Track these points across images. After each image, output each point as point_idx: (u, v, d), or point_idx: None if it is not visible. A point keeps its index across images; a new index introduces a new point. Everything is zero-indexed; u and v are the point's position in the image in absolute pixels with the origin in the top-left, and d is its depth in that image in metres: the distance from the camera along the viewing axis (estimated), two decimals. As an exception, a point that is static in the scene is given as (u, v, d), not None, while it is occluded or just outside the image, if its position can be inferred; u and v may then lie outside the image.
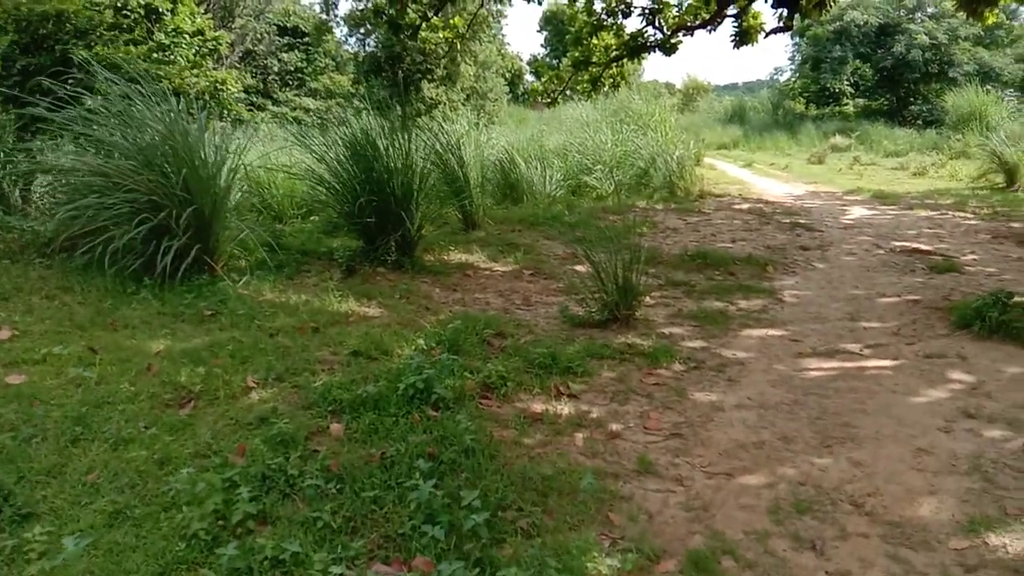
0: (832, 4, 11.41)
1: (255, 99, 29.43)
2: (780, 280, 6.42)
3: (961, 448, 3.11)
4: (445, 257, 6.90)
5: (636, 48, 12.71)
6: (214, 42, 18.02)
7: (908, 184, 15.08)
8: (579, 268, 6.44)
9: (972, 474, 2.88)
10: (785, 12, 10.47)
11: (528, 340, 4.47)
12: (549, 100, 16.26)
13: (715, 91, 48.58)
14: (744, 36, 12.29)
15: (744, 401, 3.69)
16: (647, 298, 5.53)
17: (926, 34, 28.40)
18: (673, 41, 12.34)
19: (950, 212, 10.51)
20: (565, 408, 3.53)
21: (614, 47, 13.00)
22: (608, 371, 4.03)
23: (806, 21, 12.19)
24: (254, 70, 30.98)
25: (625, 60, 13.35)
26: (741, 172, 18.91)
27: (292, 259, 6.18)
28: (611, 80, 14.60)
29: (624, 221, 9.34)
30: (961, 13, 28.55)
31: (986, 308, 4.69)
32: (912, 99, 30.40)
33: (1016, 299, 4.75)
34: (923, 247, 7.89)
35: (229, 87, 18.19)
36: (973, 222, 9.60)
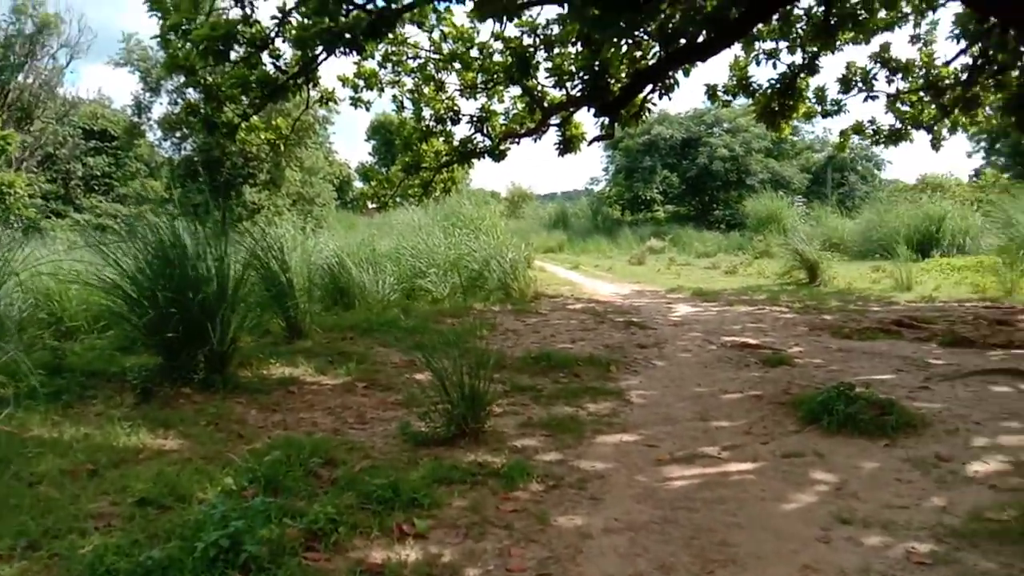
0: (647, 115, 12.13)
1: (54, 205, 26.92)
2: (624, 380, 6.24)
3: (847, 562, 2.85)
4: (265, 372, 6.14)
5: (466, 154, 12.78)
6: (2, 142, 16.28)
7: (722, 282, 16.04)
8: (419, 377, 5.93)
9: (867, 594, 2.61)
10: (607, 120, 10.95)
11: (364, 467, 3.86)
12: (379, 204, 15.96)
13: (537, 199, 50.93)
14: (568, 144, 12.71)
15: (611, 523, 3.28)
16: (495, 406, 5.10)
17: (724, 147, 31.49)
18: (502, 148, 12.53)
19: (767, 307, 11.11)
20: (411, 553, 2.94)
21: (444, 152, 13.02)
22: (459, 499, 3.50)
23: (623, 132, 12.82)
24: (54, 174, 28.48)
25: (456, 165, 13.39)
26: (570, 274, 19.41)
27: (75, 383, 5.20)
28: (442, 184, 14.60)
29: (463, 324, 8.99)
30: (755, 127, 31.67)
31: (832, 401, 4.67)
32: (715, 204, 33.30)
33: (858, 390, 4.79)
34: (751, 341, 8.12)
35: (18, 190, 16.39)
36: (790, 315, 10.16)
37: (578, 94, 10.92)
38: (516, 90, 12.23)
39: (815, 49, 11.66)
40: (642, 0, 7.30)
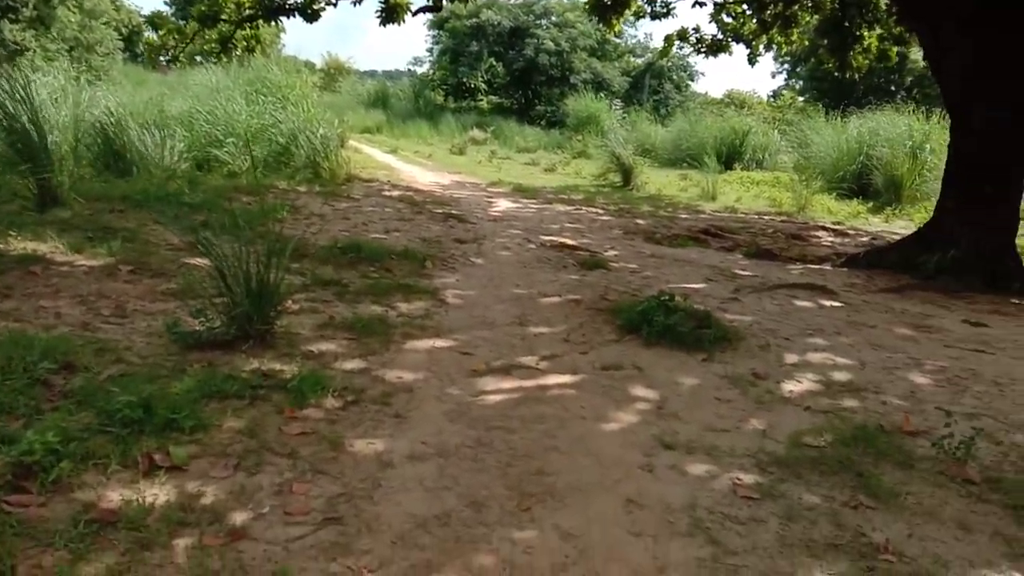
0: (478, -8, 11.24)
1: None
2: (441, 277, 5.76)
3: (672, 495, 2.61)
4: (1, 245, 4.98)
5: (273, 9, 11.26)
6: None
7: (542, 179, 15.89)
8: (201, 262, 5.06)
9: (695, 535, 2.37)
10: (435, -11, 9.99)
11: (113, 375, 3.11)
12: (170, 58, 13.91)
13: (357, 75, 47.95)
14: (391, 12, 11.60)
15: (418, 448, 2.84)
16: (290, 302, 4.44)
17: (551, 40, 30.97)
18: (316, 7, 11.16)
19: (584, 208, 11.04)
20: (161, 493, 2.32)
21: (247, 5, 11.40)
22: (233, 419, 2.88)
23: (451, 4, 11.88)
24: None
25: (260, 21, 11.82)
26: (388, 157, 18.42)
27: None
28: (245, 43, 12.92)
29: (261, 203, 8.00)
30: (582, 24, 31.40)
31: (651, 311, 4.48)
32: (538, 100, 33.04)
33: (676, 301, 4.64)
34: (569, 242, 7.93)
35: None
36: (606, 218, 10.13)
37: (407, -45, 9.84)
38: (337, -58, 10.85)
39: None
40: None
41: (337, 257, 5.88)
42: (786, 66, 37.08)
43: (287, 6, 11.17)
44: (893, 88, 31.40)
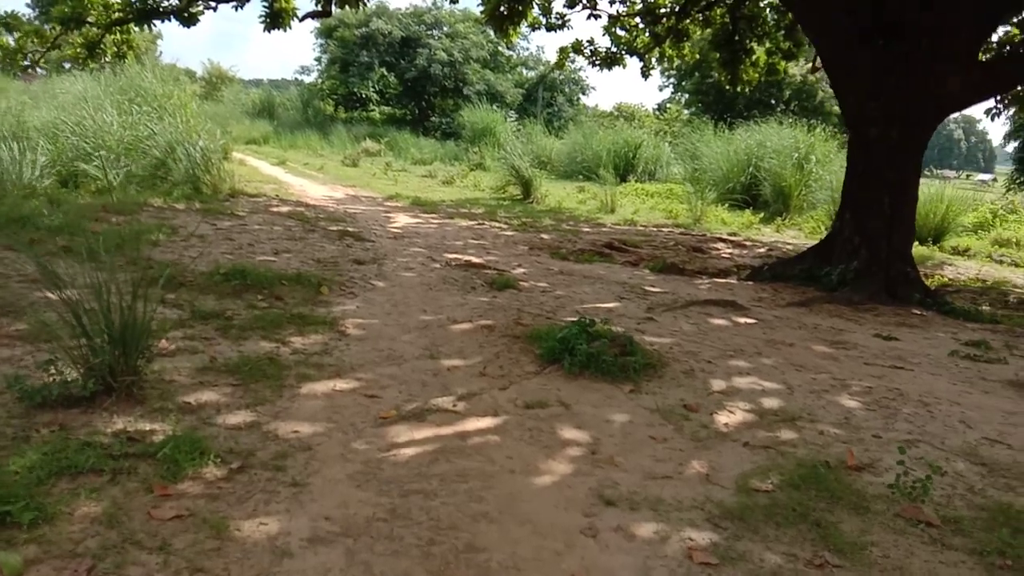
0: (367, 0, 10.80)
1: None
2: (339, 304, 5.26)
3: (622, 567, 2.27)
4: None
5: (146, 11, 10.40)
6: None
7: (441, 192, 15.48)
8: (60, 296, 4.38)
9: (658, 621, 2.03)
10: (324, -6, 9.44)
11: (-72, 451, 2.49)
12: (28, 64, 12.65)
13: (241, 84, 45.99)
14: (276, 18, 10.97)
15: (321, 526, 2.38)
16: (164, 342, 3.85)
17: (444, 51, 30.62)
18: (193, 10, 10.38)
19: (486, 222, 10.71)
20: (-21, 626, 1.77)
21: (116, 7, 10.47)
22: (89, 503, 2.33)
23: (340, 10, 11.33)
24: None
25: (132, 25, 10.89)
26: (275, 170, 17.55)
27: None
28: (115, 48, 11.90)
29: (133, 224, 7.25)
30: (474, 35, 31.19)
31: (572, 339, 4.17)
32: (432, 111, 32.60)
33: (597, 326, 4.35)
34: (475, 260, 7.57)
35: None
36: (509, 233, 9.83)
37: (292, -43, 9.27)
38: (216, -60, 10.13)
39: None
40: None
41: (220, 285, 5.27)
42: (672, 80, 38.26)
43: (161, 9, 10.33)
44: (773, 101, 32.86)
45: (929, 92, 6.80)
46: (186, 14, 10.19)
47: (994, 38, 7.86)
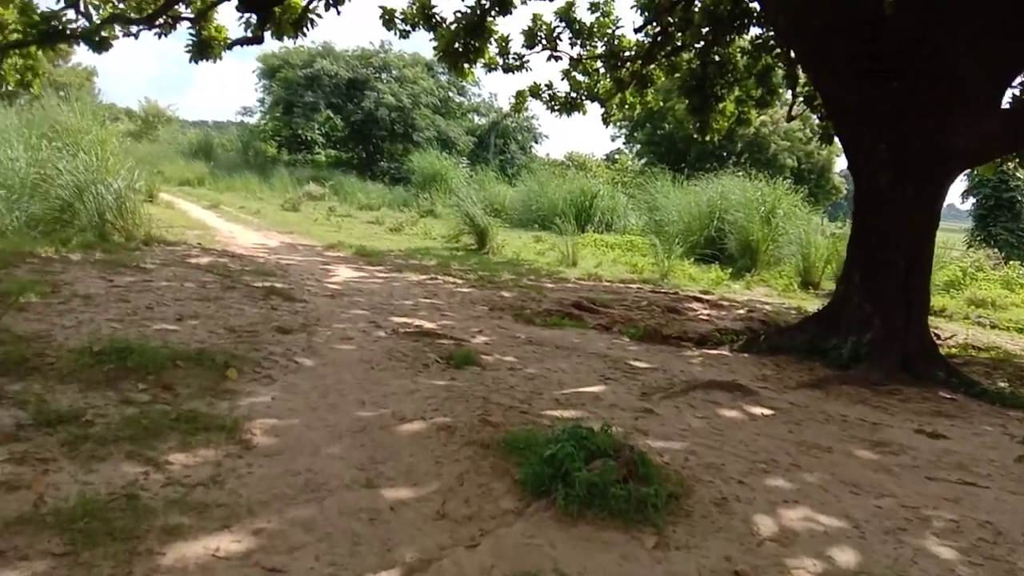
0: (309, 27, 9.73)
1: None
2: (248, 395, 4.00)
3: None
4: None
5: (50, 33, 9.10)
6: None
7: (388, 240, 14.31)
8: None
9: None
10: (254, 19, 8.32)
11: None
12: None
13: (180, 125, 44.24)
14: (203, 47, 9.84)
15: None
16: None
17: (392, 95, 29.73)
18: (105, 34, 9.13)
19: (439, 277, 9.55)
20: None
21: (14, 26, 9.16)
22: None
23: (279, 41, 10.20)
24: None
25: (35, 47, 9.58)
26: (205, 214, 16.15)
27: None
28: (17, 76, 10.52)
29: (3, 280, 5.89)
30: (424, 80, 30.37)
31: (565, 458, 3.01)
32: (380, 155, 31.56)
33: (596, 435, 3.20)
34: (428, 325, 6.39)
35: None
36: (466, 290, 8.68)
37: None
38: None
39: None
40: None
41: (89, 369, 3.97)
42: (624, 130, 38.08)
43: (67, 31, 9.05)
44: (725, 154, 32.79)
45: (944, 142, 5.97)
46: (97, 38, 8.94)
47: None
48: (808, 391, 5.49)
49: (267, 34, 9.71)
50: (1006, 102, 6.10)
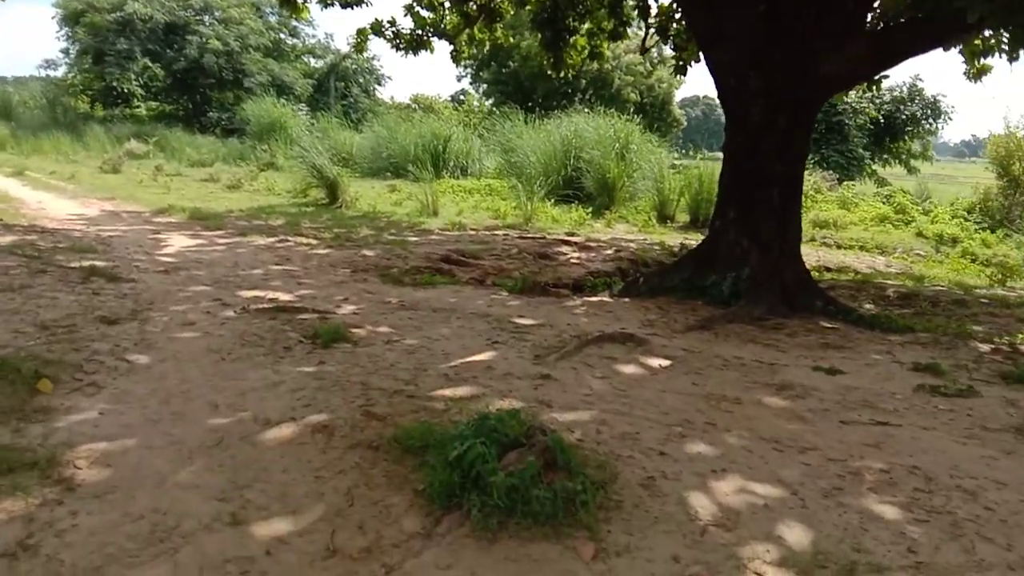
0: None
1: None
2: (67, 414, 3.22)
3: None
4: None
5: None
6: None
7: (226, 199, 13.04)
8: None
9: None
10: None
11: None
12: None
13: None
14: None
15: None
16: None
17: (217, 38, 27.24)
18: None
19: (290, 239, 8.69)
20: None
21: None
22: None
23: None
24: None
25: None
26: (8, 183, 14.11)
27: None
28: None
29: None
30: (251, 20, 28.08)
31: (476, 459, 2.54)
32: (209, 106, 29.07)
33: (504, 421, 2.74)
34: (284, 297, 5.68)
35: None
36: (323, 251, 7.93)
37: None
38: None
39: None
40: None
41: None
42: (470, 70, 37.18)
43: None
44: (571, 91, 32.78)
45: (813, 68, 5.87)
46: None
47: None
48: (697, 333, 5.33)
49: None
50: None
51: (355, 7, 11.33)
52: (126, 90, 28.41)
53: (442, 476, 2.56)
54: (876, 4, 6.08)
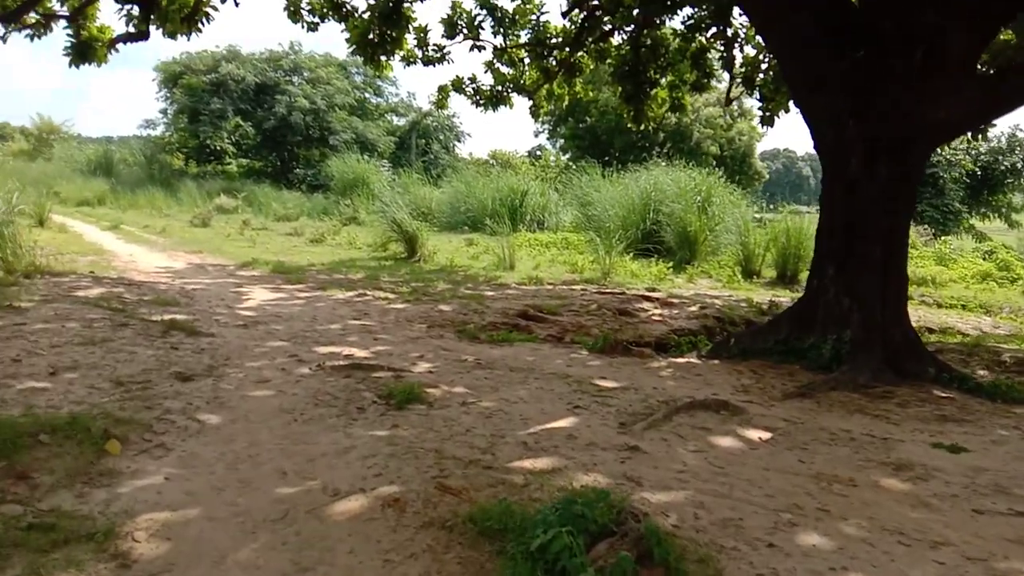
0: (205, 22, 8.68)
1: None
2: (132, 478, 3.09)
3: None
4: None
5: None
6: None
7: (308, 253, 13.26)
8: None
9: None
10: (136, 10, 7.25)
11: None
12: None
13: (78, 141, 41.34)
14: (84, 49, 8.69)
15: None
16: None
17: (305, 98, 28.38)
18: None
19: (368, 293, 8.65)
20: None
21: None
22: None
23: (173, 40, 9.02)
24: None
25: None
26: (103, 236, 14.72)
27: None
28: None
29: None
30: (338, 81, 29.15)
31: (564, 555, 2.24)
32: (296, 162, 30.16)
33: (592, 507, 2.44)
34: (360, 353, 5.55)
35: None
36: (399, 306, 7.83)
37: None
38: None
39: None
40: None
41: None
42: (547, 125, 37.57)
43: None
44: (648, 144, 32.62)
45: (919, 115, 5.47)
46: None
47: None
48: (797, 402, 4.89)
49: (156, 31, 8.62)
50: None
51: (437, 64, 11.52)
52: (218, 147, 29.80)
53: (523, 570, 2.27)
54: (987, 47, 5.66)
